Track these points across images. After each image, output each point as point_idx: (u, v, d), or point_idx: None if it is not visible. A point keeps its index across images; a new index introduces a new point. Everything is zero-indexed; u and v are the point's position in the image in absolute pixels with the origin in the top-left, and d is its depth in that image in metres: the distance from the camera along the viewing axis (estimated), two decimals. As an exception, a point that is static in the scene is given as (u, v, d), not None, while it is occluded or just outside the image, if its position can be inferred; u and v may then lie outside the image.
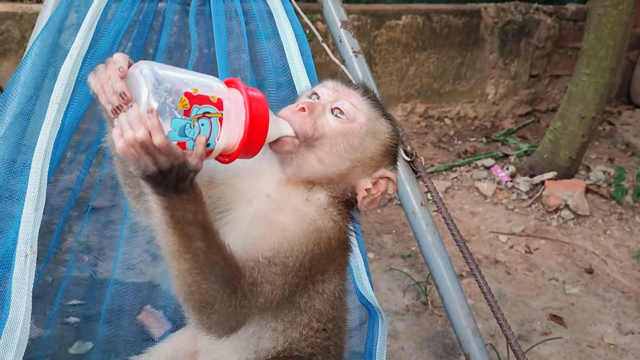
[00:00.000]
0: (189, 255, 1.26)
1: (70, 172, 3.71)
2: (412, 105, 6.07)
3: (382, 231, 4.09)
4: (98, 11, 1.71)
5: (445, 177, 4.92)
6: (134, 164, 1.16)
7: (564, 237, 4.16)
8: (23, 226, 1.54)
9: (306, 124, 1.45)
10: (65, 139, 1.81)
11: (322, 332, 1.59)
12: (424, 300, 3.39)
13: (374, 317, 2.12)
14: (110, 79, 1.24)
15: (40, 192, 1.57)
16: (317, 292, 1.53)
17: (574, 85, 4.60)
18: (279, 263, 1.40)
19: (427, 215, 2.55)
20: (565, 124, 4.64)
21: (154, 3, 1.98)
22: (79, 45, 1.66)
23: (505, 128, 6.05)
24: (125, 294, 3.07)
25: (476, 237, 4.10)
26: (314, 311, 1.55)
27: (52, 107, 1.62)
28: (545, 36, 6.30)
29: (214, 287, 1.29)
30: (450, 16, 5.89)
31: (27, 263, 1.53)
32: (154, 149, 1.14)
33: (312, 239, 1.45)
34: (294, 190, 1.51)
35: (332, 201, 1.52)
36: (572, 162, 4.73)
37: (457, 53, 6.05)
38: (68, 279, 3.26)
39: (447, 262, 2.55)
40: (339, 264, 1.57)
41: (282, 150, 1.45)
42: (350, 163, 1.50)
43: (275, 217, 1.46)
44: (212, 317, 1.33)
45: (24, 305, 1.49)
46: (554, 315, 3.39)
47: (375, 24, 5.63)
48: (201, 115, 1.24)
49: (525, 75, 6.42)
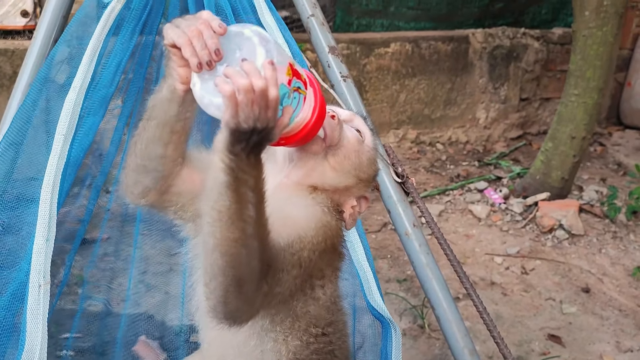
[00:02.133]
0: (240, 223, 1.21)
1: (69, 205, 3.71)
2: (403, 132, 6.10)
3: (377, 256, 4.08)
4: (98, 44, 1.73)
5: (438, 201, 4.93)
6: (231, 112, 1.13)
7: (560, 257, 4.16)
8: (35, 257, 1.55)
9: (336, 130, 1.51)
10: (72, 171, 1.81)
11: (322, 336, 1.59)
12: (421, 324, 3.38)
13: (387, 329, 2.12)
14: (203, 33, 1.22)
15: (50, 223, 1.58)
16: (313, 297, 1.53)
17: (563, 106, 4.64)
18: (295, 252, 1.40)
19: (420, 236, 2.55)
20: (556, 145, 4.67)
21: (152, 35, 2.01)
22: (81, 77, 1.67)
23: (498, 151, 6.08)
24: (120, 326, 3.05)
25: (471, 259, 4.09)
26: (310, 317, 1.55)
27: (58, 138, 1.62)
28: (534, 60, 6.37)
29: (251, 264, 1.25)
30: (439, 42, 5.96)
31: (41, 293, 1.53)
32: (264, 102, 1.13)
33: (321, 233, 1.47)
34: (296, 192, 1.53)
35: (331, 207, 1.56)
36: (565, 183, 4.75)
37: (446, 78, 6.10)
38: (62, 312, 3.24)
39: (442, 282, 2.54)
40: (334, 268, 1.59)
41: (310, 150, 1.49)
42: (354, 179, 1.58)
43: (287, 210, 1.47)
44: (237, 299, 1.27)
45: (40, 335, 1.49)
46: (552, 335, 3.38)
47: (365, 52, 5.69)
48: (296, 89, 1.26)
49: (515, 98, 6.47)
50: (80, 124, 1.73)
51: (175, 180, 1.54)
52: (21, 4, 4.61)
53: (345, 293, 2.25)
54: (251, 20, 2.11)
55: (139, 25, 1.87)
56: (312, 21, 2.58)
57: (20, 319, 1.54)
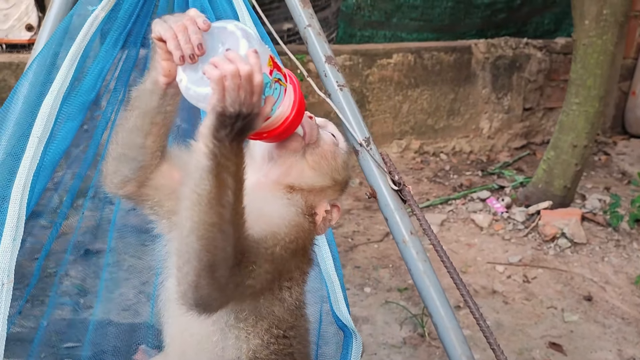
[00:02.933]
0: (218, 208, 1.24)
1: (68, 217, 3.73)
2: (407, 142, 6.12)
3: (378, 266, 4.09)
4: (79, 50, 1.76)
5: (440, 211, 4.93)
6: (218, 96, 1.18)
7: (562, 266, 4.15)
8: (0, 256, 1.56)
9: (314, 129, 1.58)
10: (46, 174, 1.84)
11: (283, 338, 1.62)
12: (421, 332, 3.38)
13: (348, 337, 2.12)
14: (188, 28, 1.28)
15: (18, 223, 1.60)
16: (279, 299, 1.56)
17: (565, 115, 4.65)
18: (268, 247, 1.44)
19: (417, 244, 2.55)
20: (558, 154, 4.67)
21: (136, 45, 2.04)
22: (60, 81, 1.70)
23: (501, 161, 6.08)
24: (121, 335, 3.07)
25: (473, 268, 4.09)
26: (274, 317, 1.58)
27: (33, 140, 1.65)
28: (537, 70, 6.38)
29: (226, 250, 1.28)
30: (441, 53, 5.98)
31: (4, 292, 1.55)
32: (249, 87, 1.18)
33: (293, 232, 1.51)
34: (271, 193, 1.56)
35: (305, 210, 1.59)
36: (567, 191, 4.74)
37: (449, 89, 6.12)
38: (62, 322, 3.26)
39: (440, 290, 2.54)
40: (302, 272, 1.62)
41: (289, 147, 1.54)
42: (330, 181, 1.64)
43: (263, 207, 1.50)
44: (209, 285, 1.29)
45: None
46: (553, 343, 3.37)
47: (367, 63, 5.72)
48: (277, 80, 1.32)
49: (518, 108, 6.48)
50: (59, 129, 1.76)
51: (155, 174, 1.58)
52: (26, 18, 4.67)
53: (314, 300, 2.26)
54: None
55: (123, 34, 1.90)
56: (309, 31, 2.60)
57: None
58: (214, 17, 2.23)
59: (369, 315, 3.53)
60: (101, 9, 1.89)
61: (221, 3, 2.27)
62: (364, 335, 3.35)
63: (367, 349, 3.23)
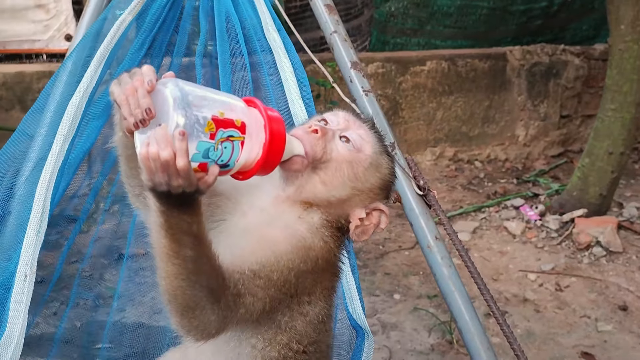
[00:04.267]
0: (177, 261, 1.27)
1: (103, 221, 3.82)
2: (441, 149, 6.09)
3: (409, 273, 4.07)
4: (106, 52, 1.82)
5: (473, 218, 4.89)
6: (147, 175, 1.18)
7: (596, 274, 4.08)
8: (25, 249, 1.61)
9: (317, 145, 1.50)
10: (71, 171, 1.90)
11: (302, 354, 1.58)
12: (449, 340, 3.35)
13: (361, 337, 2.12)
14: (137, 91, 1.24)
15: (42, 217, 1.65)
16: (300, 313, 1.54)
17: (600, 121, 4.58)
18: (263, 276, 1.42)
19: (442, 248, 2.55)
20: (593, 160, 4.60)
21: (162, 48, 2.09)
22: (86, 83, 1.76)
23: (537, 169, 6.00)
24: (151, 337, 3.11)
25: (504, 275, 4.05)
26: (295, 332, 1.55)
27: (59, 138, 1.71)
28: (574, 76, 6.28)
29: (197, 295, 1.30)
30: (476, 60, 5.95)
31: (26, 283, 1.59)
32: (174, 171, 1.17)
33: (299, 255, 1.47)
34: (290, 208, 1.54)
35: (325, 224, 1.55)
36: (603, 199, 4.65)
37: (484, 96, 6.08)
38: (94, 324, 3.33)
39: (465, 295, 2.52)
40: (325, 287, 1.58)
41: (290, 169, 1.49)
42: (350, 190, 1.55)
43: (267, 230, 1.49)
44: (193, 321, 1.33)
45: (20, 323, 1.55)
46: (586, 353, 3.31)
47: (400, 70, 5.72)
48: (225, 139, 1.28)
49: (555, 116, 6.39)
50: (85, 128, 1.81)
51: None
52: (65, 29, 4.82)
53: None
54: (259, 36, 2.16)
55: (149, 38, 1.96)
56: (334, 37, 2.63)
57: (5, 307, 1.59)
58: (239, 24, 2.26)
59: (397, 322, 3.52)
60: (128, 13, 1.95)
61: (246, 10, 2.31)
62: (392, 341, 3.34)
63: (395, 355, 3.22)
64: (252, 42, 2.15)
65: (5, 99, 4.66)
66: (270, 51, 2.13)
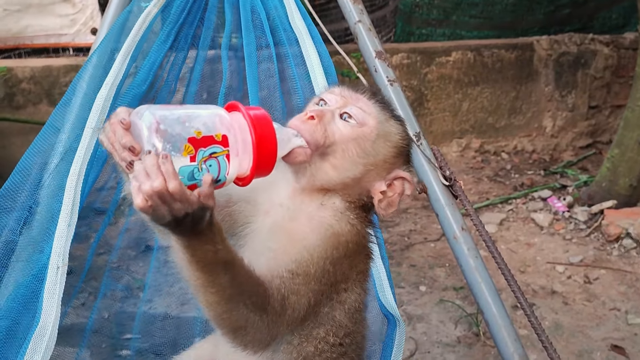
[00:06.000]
0: (214, 289, 1.27)
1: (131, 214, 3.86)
2: (467, 141, 6.03)
3: (435, 265, 4.05)
4: (133, 44, 1.82)
5: (500, 210, 4.84)
6: (150, 216, 1.15)
7: (626, 267, 4.01)
8: (56, 241, 1.63)
9: (317, 132, 1.46)
10: (100, 163, 1.91)
11: (338, 346, 1.56)
12: (476, 332, 3.32)
13: (392, 325, 2.10)
14: (116, 133, 1.24)
15: (73, 210, 1.66)
16: (339, 301, 1.52)
17: (630, 111, 4.49)
18: (301, 273, 1.40)
19: (468, 239, 2.52)
20: (623, 151, 4.52)
21: (187, 40, 2.09)
22: (114, 75, 1.77)
23: (565, 160, 5.92)
24: (179, 328, 3.14)
25: (532, 267, 4.00)
26: (333, 324, 1.53)
27: (87, 131, 1.72)
28: (603, 66, 6.18)
29: (244, 313, 1.32)
30: (502, 50, 5.88)
31: (59, 275, 1.61)
32: (169, 196, 1.13)
33: (330, 243, 1.45)
34: (308, 198, 1.53)
35: (348, 206, 1.53)
36: (633, 190, 4.57)
37: (510, 87, 6.01)
38: (123, 315, 3.37)
39: (492, 286, 2.50)
40: (360, 271, 1.56)
41: (295, 162, 1.46)
42: (363, 167, 1.51)
43: (292, 226, 1.48)
44: (246, 337, 1.36)
45: (54, 313, 1.56)
46: (615, 346, 3.26)
47: (425, 61, 5.68)
48: (208, 157, 1.25)
49: (583, 106, 6.29)
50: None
51: None
52: (91, 23, 4.86)
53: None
54: (285, 26, 2.15)
55: (174, 30, 1.96)
56: (359, 27, 2.61)
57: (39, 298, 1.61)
58: (265, 14, 2.25)
59: (423, 314, 3.50)
60: (153, 6, 1.95)
61: (272, 1, 2.30)
62: (418, 333, 3.32)
63: (421, 347, 3.20)
64: (278, 32, 2.14)
65: (33, 93, 4.72)
66: (296, 42, 2.12)
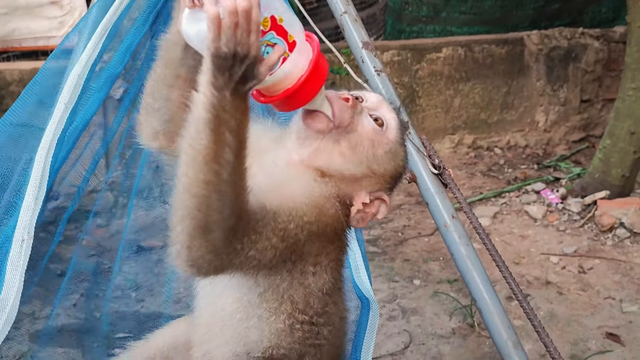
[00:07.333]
0: (215, 166, 1.20)
1: (121, 216, 3.86)
2: (459, 137, 6.03)
3: (428, 259, 4.04)
4: (109, 24, 1.80)
5: (493, 203, 4.83)
6: (213, 35, 1.13)
7: (620, 256, 4.01)
8: (23, 213, 1.60)
9: (346, 112, 1.48)
10: (71, 140, 1.90)
11: (309, 324, 1.55)
12: (471, 323, 3.31)
13: (365, 307, 2.08)
14: None
15: (41, 183, 1.64)
16: (301, 283, 1.51)
17: (621, 101, 4.50)
18: (281, 222, 1.38)
19: (459, 227, 2.51)
20: (615, 141, 4.52)
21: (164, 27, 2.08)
22: (88, 54, 1.75)
23: (558, 154, 5.92)
24: (171, 326, 3.12)
25: (526, 259, 3.99)
26: (295, 301, 1.52)
27: (60, 106, 1.70)
28: (594, 60, 6.19)
29: (222, 212, 1.23)
30: (492, 46, 5.89)
31: (23, 247, 1.58)
32: (246, 25, 1.12)
33: (314, 213, 1.45)
34: (303, 171, 1.52)
35: (336, 195, 1.53)
36: (626, 180, 4.57)
37: (502, 82, 6.01)
38: (115, 314, 3.35)
39: (484, 274, 2.48)
40: (332, 259, 1.55)
41: (314, 126, 1.47)
42: (365, 169, 1.54)
43: (284, 183, 1.48)
44: (201, 248, 1.25)
45: (16, 286, 1.54)
46: (611, 334, 3.25)
47: (416, 58, 5.68)
48: (272, 44, 1.26)
49: (575, 100, 6.30)
50: (87, 99, 1.81)
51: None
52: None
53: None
54: None
55: (153, 13, 1.95)
56: (345, 18, 2.61)
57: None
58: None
59: (417, 307, 3.49)
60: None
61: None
62: (412, 326, 3.31)
63: (415, 339, 3.19)
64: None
65: (22, 97, 4.69)
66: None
